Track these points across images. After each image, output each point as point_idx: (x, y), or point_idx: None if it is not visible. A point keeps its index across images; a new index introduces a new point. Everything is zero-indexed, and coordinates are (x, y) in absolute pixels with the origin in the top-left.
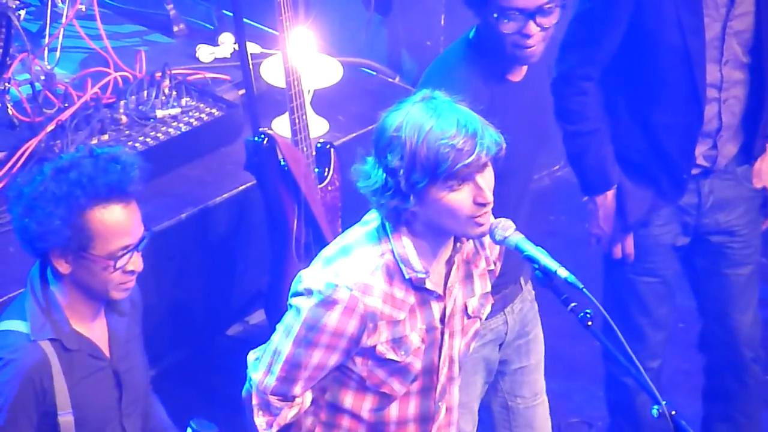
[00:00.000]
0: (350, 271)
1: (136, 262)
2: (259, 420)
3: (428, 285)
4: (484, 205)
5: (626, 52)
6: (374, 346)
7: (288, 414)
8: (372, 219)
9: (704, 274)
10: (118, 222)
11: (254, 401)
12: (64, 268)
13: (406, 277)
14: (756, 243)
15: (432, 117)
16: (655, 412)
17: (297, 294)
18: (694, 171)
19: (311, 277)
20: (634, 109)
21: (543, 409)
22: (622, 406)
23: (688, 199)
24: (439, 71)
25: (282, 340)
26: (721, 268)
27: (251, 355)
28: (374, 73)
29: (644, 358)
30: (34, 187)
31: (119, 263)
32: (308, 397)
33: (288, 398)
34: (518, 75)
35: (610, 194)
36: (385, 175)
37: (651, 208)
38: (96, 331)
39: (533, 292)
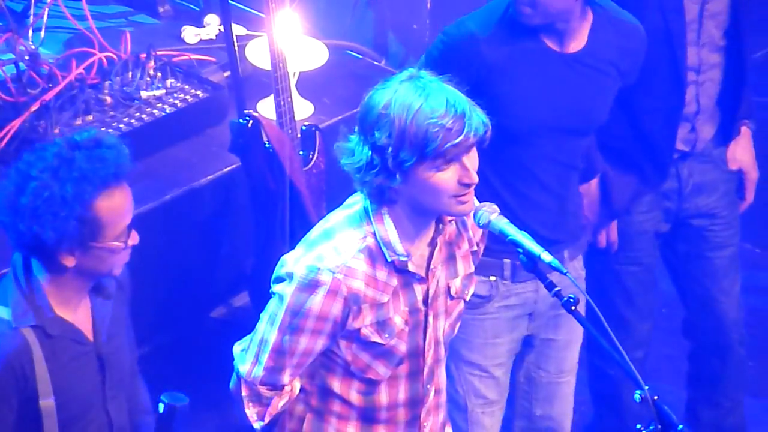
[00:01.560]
0: (332, 255)
1: (135, 236)
2: (250, 411)
3: (410, 267)
4: (468, 185)
5: None
6: (359, 329)
7: (279, 403)
8: (355, 202)
9: (687, 259)
10: (121, 205)
11: (244, 393)
12: (70, 261)
13: (389, 260)
14: (736, 224)
15: (421, 96)
16: (637, 397)
17: (279, 279)
18: (674, 156)
19: (293, 261)
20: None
21: (567, 389)
22: (607, 398)
23: (669, 184)
24: (483, 9)
25: (267, 329)
26: (704, 251)
27: (237, 347)
28: (360, 56)
29: (629, 348)
30: (34, 195)
31: (128, 242)
32: (297, 385)
33: (277, 387)
34: (561, 47)
35: (594, 183)
36: (371, 152)
37: (635, 194)
38: (80, 314)
39: (583, 271)
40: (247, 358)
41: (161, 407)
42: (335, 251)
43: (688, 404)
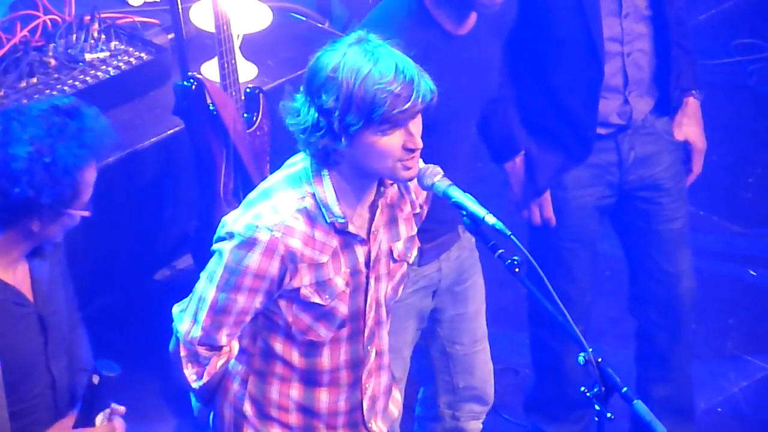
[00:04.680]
0: (270, 213)
1: None
2: (189, 371)
3: (351, 228)
4: (413, 150)
5: (523, 15)
6: (298, 289)
7: (217, 363)
8: (295, 163)
9: (636, 232)
10: (94, 174)
11: (182, 353)
12: (36, 226)
13: (327, 221)
14: (683, 196)
15: (370, 60)
16: (581, 359)
17: (220, 239)
18: (609, 130)
19: (233, 221)
20: (536, 70)
21: (483, 356)
22: (549, 368)
23: (608, 157)
24: (381, 11)
25: (206, 287)
26: (652, 224)
27: (176, 308)
28: (303, 18)
29: None
30: (32, 160)
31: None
32: (236, 345)
33: (215, 347)
34: (461, 29)
35: (519, 160)
36: (317, 114)
37: (559, 170)
38: (18, 276)
39: (474, 239)
40: (185, 317)
41: (95, 378)
42: (273, 210)
43: (638, 383)
